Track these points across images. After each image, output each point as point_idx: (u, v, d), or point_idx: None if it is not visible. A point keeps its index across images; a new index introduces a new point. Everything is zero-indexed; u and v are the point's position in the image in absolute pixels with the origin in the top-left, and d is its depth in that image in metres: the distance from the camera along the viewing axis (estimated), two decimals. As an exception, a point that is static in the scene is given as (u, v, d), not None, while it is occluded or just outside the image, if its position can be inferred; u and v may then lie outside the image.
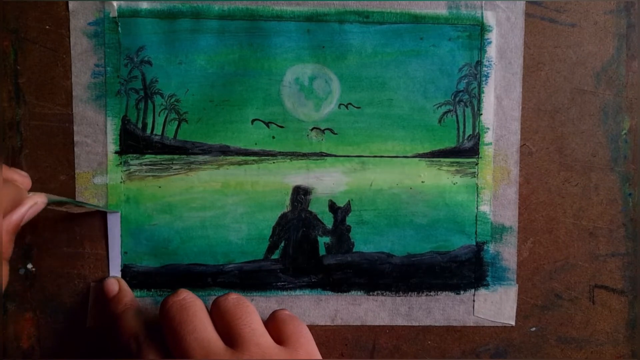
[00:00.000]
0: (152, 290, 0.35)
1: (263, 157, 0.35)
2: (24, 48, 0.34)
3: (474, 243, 0.36)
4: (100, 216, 0.35)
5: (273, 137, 0.35)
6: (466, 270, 0.36)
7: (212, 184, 0.35)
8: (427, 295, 0.36)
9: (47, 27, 0.34)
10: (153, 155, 0.35)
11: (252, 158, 0.35)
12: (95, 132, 0.34)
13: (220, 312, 0.31)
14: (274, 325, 0.32)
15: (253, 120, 0.35)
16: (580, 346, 0.37)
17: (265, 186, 0.35)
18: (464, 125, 0.36)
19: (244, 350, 0.28)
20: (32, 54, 0.34)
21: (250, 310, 0.31)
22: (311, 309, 0.36)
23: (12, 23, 0.33)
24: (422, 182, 0.36)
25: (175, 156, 0.35)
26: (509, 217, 0.36)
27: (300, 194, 0.35)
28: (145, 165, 0.35)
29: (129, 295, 0.34)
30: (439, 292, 0.36)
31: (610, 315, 0.37)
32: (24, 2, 0.33)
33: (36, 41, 0.34)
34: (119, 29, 0.34)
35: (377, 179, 0.36)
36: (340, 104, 0.35)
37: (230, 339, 0.29)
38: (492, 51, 0.35)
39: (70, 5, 0.34)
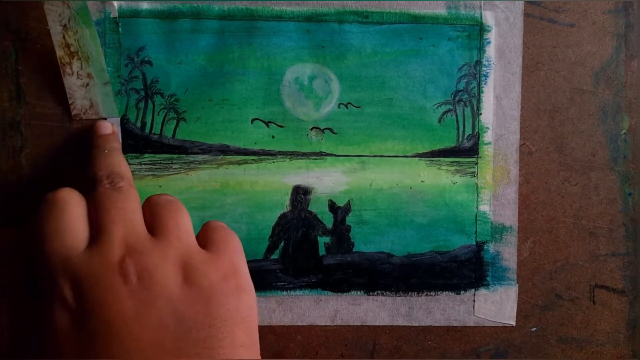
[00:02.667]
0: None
1: (263, 157, 0.35)
2: (24, 48, 0.34)
3: (474, 243, 0.36)
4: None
5: (273, 137, 0.35)
6: (466, 270, 0.36)
7: (211, 184, 0.35)
8: (427, 295, 0.36)
9: (48, 27, 0.34)
10: (152, 155, 0.35)
11: (251, 157, 0.35)
12: (95, 132, 0.34)
13: (150, 205, 0.29)
14: (203, 233, 0.29)
15: (253, 120, 0.35)
16: (581, 346, 0.37)
17: (265, 186, 0.35)
18: (464, 124, 0.36)
19: (162, 239, 0.26)
20: (33, 54, 0.34)
21: (181, 209, 0.28)
22: (311, 309, 0.36)
23: (13, 23, 0.33)
24: (422, 181, 0.36)
25: (175, 155, 0.35)
26: (509, 216, 0.36)
27: (300, 194, 0.36)
28: (145, 164, 0.35)
29: (118, 141, 0.32)
30: (439, 292, 0.36)
31: (611, 315, 0.37)
32: (24, 2, 0.33)
33: (37, 41, 0.34)
34: (120, 29, 0.34)
35: (377, 179, 0.36)
36: (340, 104, 0.35)
37: (154, 229, 0.27)
38: (491, 51, 0.36)
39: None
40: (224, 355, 0.24)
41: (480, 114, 0.36)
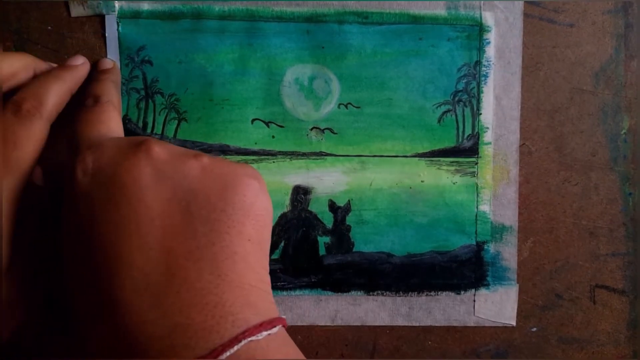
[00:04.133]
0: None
1: (263, 157, 0.35)
2: (25, 49, 0.34)
3: (474, 243, 0.36)
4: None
5: (273, 137, 0.35)
6: (466, 270, 0.36)
7: (212, 184, 0.35)
8: (427, 295, 0.36)
9: (49, 27, 0.34)
10: (153, 155, 0.35)
11: (252, 157, 0.35)
12: (96, 132, 0.34)
13: None
14: None
15: (253, 120, 0.35)
16: (582, 347, 0.37)
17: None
18: (464, 124, 0.36)
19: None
20: (33, 55, 0.34)
21: None
22: (311, 309, 0.36)
23: (14, 24, 0.34)
24: (422, 181, 0.36)
25: (176, 155, 0.35)
26: (509, 216, 0.36)
27: (300, 194, 0.36)
28: (146, 164, 0.35)
29: (116, 74, 0.32)
30: (439, 292, 0.36)
31: (611, 316, 0.37)
32: (25, 3, 0.33)
33: (38, 42, 0.34)
34: (120, 29, 0.34)
35: (377, 179, 0.36)
36: (339, 104, 0.35)
37: None
38: (490, 51, 0.36)
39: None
40: (229, 243, 0.24)
41: (480, 114, 0.36)
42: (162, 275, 0.23)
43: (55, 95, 0.28)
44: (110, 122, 0.28)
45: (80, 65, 0.31)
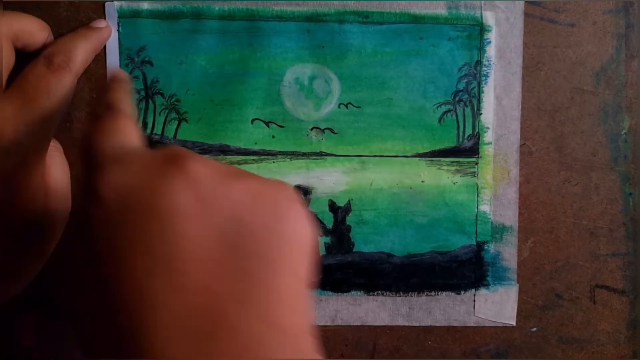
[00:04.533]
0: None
1: (263, 157, 0.35)
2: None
3: (474, 243, 0.36)
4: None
5: (273, 137, 0.35)
6: (466, 270, 0.36)
7: (212, 184, 0.35)
8: (427, 295, 0.36)
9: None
10: (153, 155, 0.35)
11: (252, 158, 0.35)
12: (96, 132, 0.34)
13: None
14: None
15: (253, 120, 0.35)
16: (582, 346, 0.37)
17: (266, 186, 0.35)
18: (464, 124, 0.36)
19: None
20: (33, 54, 0.34)
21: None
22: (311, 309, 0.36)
23: (14, 24, 0.34)
24: (422, 181, 0.36)
25: (176, 155, 0.35)
26: (509, 216, 0.36)
27: (300, 194, 0.36)
28: (146, 164, 0.35)
29: (130, 87, 0.28)
30: (439, 292, 0.36)
31: (612, 316, 0.37)
32: (25, 3, 0.33)
33: (38, 42, 0.34)
34: (120, 29, 0.34)
35: (377, 179, 0.36)
36: (340, 104, 0.35)
37: None
38: (491, 51, 0.36)
39: (72, 5, 0.34)
40: (279, 283, 0.20)
41: (481, 114, 0.36)
42: (203, 322, 0.19)
43: (83, 52, 0.30)
44: (128, 131, 0.24)
45: (104, 28, 0.32)
